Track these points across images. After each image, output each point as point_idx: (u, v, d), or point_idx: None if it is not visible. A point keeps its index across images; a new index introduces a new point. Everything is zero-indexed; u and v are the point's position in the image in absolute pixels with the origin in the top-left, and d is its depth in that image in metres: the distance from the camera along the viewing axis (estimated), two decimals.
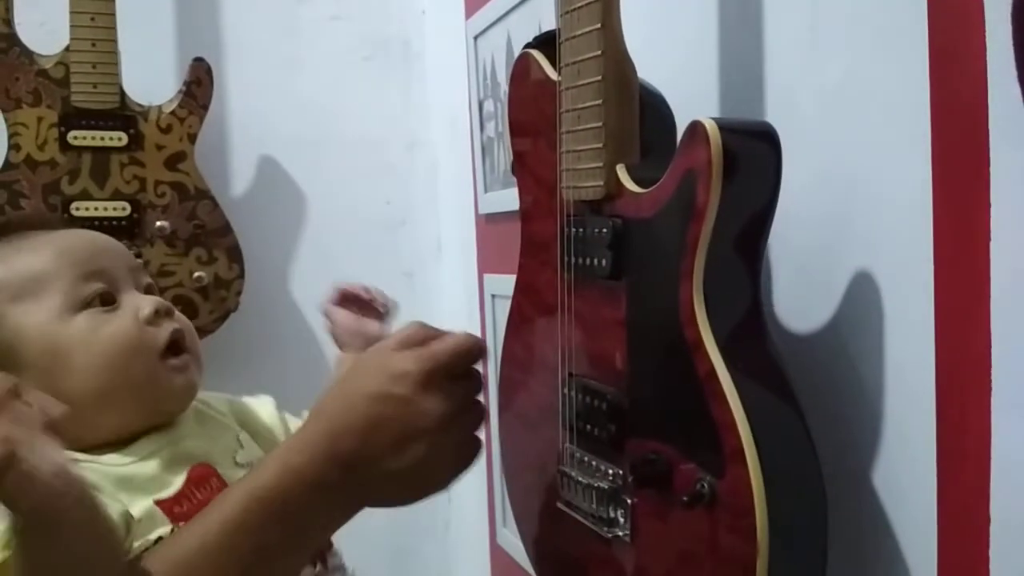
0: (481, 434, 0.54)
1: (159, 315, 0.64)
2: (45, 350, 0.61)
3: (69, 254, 0.64)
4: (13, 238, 0.65)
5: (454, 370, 0.53)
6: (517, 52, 0.81)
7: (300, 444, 0.53)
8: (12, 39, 1.32)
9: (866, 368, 0.63)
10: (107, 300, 0.63)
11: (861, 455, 0.64)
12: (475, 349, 0.53)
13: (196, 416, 0.67)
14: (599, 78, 0.66)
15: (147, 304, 0.64)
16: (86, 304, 0.62)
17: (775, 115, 0.71)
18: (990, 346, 0.53)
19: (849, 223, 0.65)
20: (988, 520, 0.53)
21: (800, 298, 0.71)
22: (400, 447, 0.51)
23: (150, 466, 0.61)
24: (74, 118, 1.34)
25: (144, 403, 0.63)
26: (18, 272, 0.62)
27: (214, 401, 0.71)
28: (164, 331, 0.64)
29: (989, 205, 0.52)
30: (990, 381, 0.53)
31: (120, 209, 1.36)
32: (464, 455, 0.54)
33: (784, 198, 0.61)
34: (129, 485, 0.59)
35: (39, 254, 0.63)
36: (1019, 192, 0.51)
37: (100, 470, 0.59)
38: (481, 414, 0.54)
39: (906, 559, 0.61)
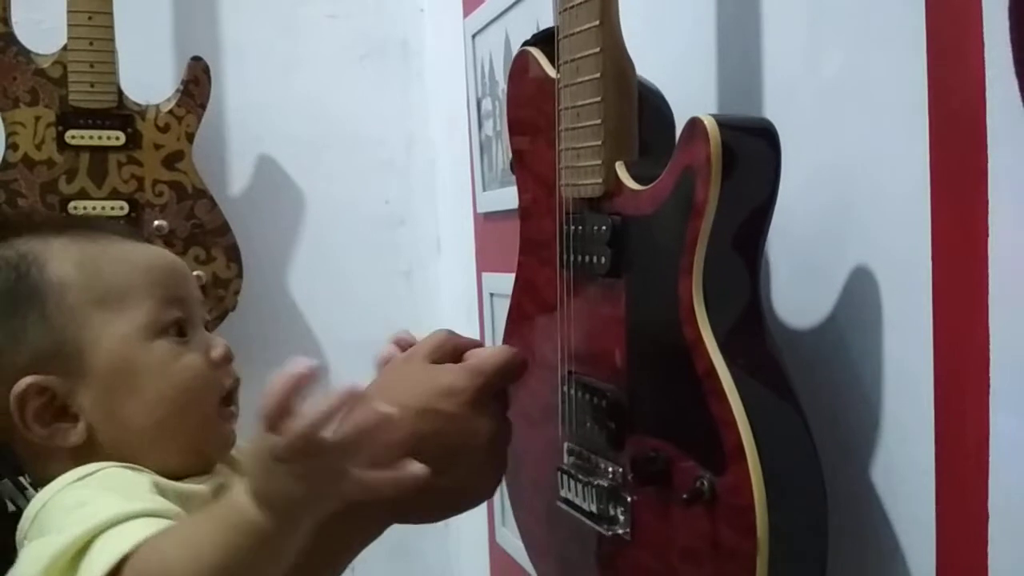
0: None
1: (225, 360, 0.61)
2: (117, 367, 0.57)
3: (156, 272, 0.60)
4: (92, 236, 0.61)
5: (498, 387, 0.52)
6: (515, 50, 0.81)
7: None
8: (9, 38, 1.32)
9: (864, 365, 0.63)
10: (182, 331, 0.60)
11: (859, 452, 0.64)
12: (519, 365, 0.52)
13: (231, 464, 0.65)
14: (598, 75, 0.66)
15: (219, 346, 0.61)
16: (164, 330, 0.59)
17: (773, 111, 0.71)
18: (988, 343, 0.53)
19: (847, 219, 0.65)
20: (987, 516, 0.53)
21: (798, 295, 0.70)
22: (444, 465, 0.49)
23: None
24: (72, 117, 1.33)
25: (193, 446, 0.59)
26: (105, 276, 0.58)
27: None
28: (229, 377, 0.62)
29: (987, 201, 0.52)
30: (988, 378, 0.53)
31: (118, 208, 1.36)
32: (499, 474, 0.53)
33: (782, 194, 0.61)
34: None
35: (126, 263, 0.60)
36: (1017, 188, 0.51)
37: None
38: (511, 432, 0.53)
39: (905, 556, 0.61)
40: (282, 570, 0.48)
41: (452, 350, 0.53)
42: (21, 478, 0.64)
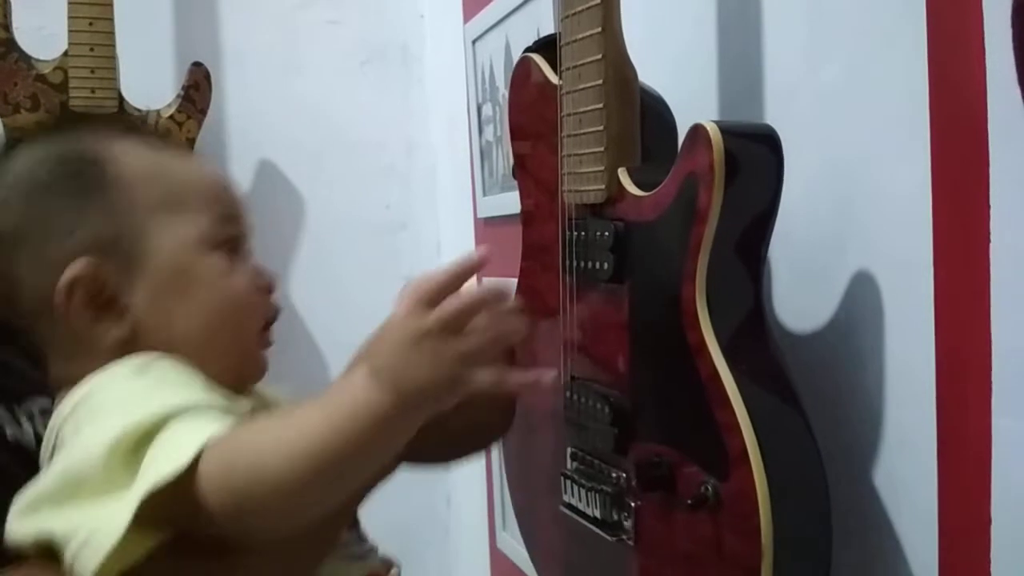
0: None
1: (271, 287, 0.61)
2: (175, 270, 0.56)
3: (217, 188, 0.60)
4: (155, 143, 0.61)
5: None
6: (515, 56, 0.81)
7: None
8: (10, 44, 1.32)
9: (866, 369, 0.64)
10: (234, 250, 0.59)
11: (862, 456, 0.64)
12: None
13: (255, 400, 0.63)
14: (600, 82, 0.66)
15: (266, 272, 0.61)
16: (219, 245, 0.58)
17: (774, 116, 0.71)
18: (990, 346, 0.53)
19: (849, 223, 0.65)
20: (989, 520, 0.53)
21: (800, 299, 0.71)
22: (462, 402, 0.48)
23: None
24: (72, 123, 1.33)
25: (233, 365, 0.58)
26: (170, 181, 0.57)
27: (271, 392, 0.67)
28: (273, 305, 0.61)
29: (988, 205, 0.53)
30: (990, 381, 0.53)
31: None
32: (511, 413, 0.54)
33: (784, 198, 0.61)
34: None
35: (190, 173, 0.59)
36: (1018, 192, 0.51)
37: None
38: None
39: (907, 559, 0.61)
40: (377, 466, 0.48)
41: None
42: (16, 406, 0.62)
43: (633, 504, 0.65)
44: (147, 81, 1.41)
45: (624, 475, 0.66)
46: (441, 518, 1.64)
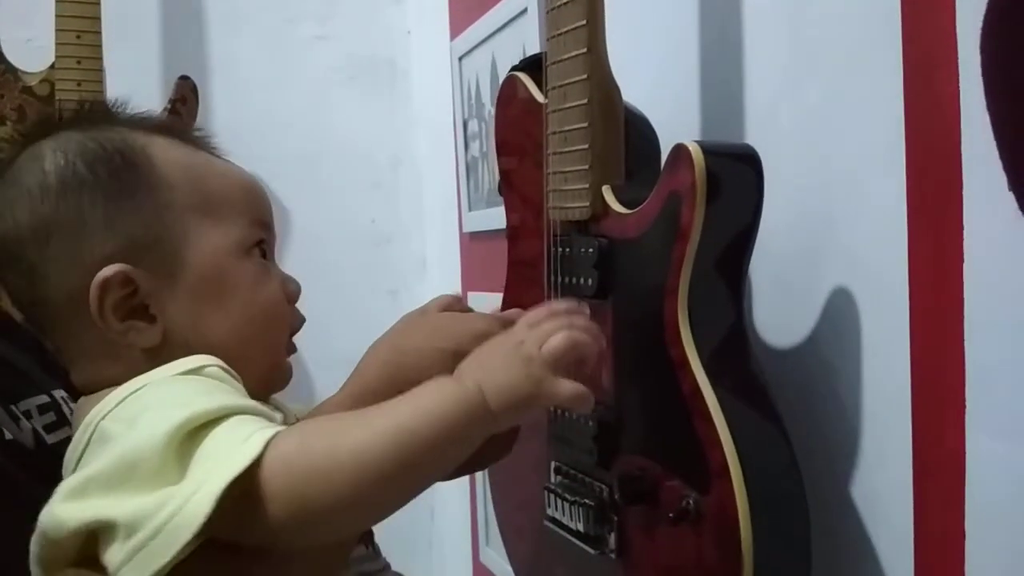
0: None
1: (297, 296, 0.60)
2: (211, 276, 0.55)
3: (252, 193, 0.59)
4: (192, 144, 0.59)
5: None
6: (501, 73, 0.82)
7: (369, 398, 0.52)
8: None
9: (843, 384, 0.65)
10: (264, 256, 0.58)
11: (839, 470, 0.65)
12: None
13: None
14: (585, 101, 0.67)
15: (294, 281, 0.60)
16: (253, 251, 0.57)
17: (754, 135, 0.73)
18: (964, 363, 0.54)
19: (827, 241, 0.66)
20: (964, 534, 0.54)
21: (779, 314, 0.72)
22: None
23: None
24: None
25: (264, 372, 0.58)
26: (210, 186, 0.56)
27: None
28: (299, 314, 0.61)
29: (962, 223, 0.54)
30: (964, 397, 0.54)
31: None
32: (517, 428, 0.56)
33: (764, 217, 0.62)
34: None
35: (228, 178, 0.58)
36: (991, 211, 0.52)
37: None
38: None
39: (884, 573, 0.62)
40: (451, 464, 0.49)
41: (463, 310, 0.54)
42: (13, 406, 0.61)
43: (616, 518, 0.66)
44: (134, 94, 1.38)
45: (607, 489, 0.67)
46: (424, 532, 1.64)
